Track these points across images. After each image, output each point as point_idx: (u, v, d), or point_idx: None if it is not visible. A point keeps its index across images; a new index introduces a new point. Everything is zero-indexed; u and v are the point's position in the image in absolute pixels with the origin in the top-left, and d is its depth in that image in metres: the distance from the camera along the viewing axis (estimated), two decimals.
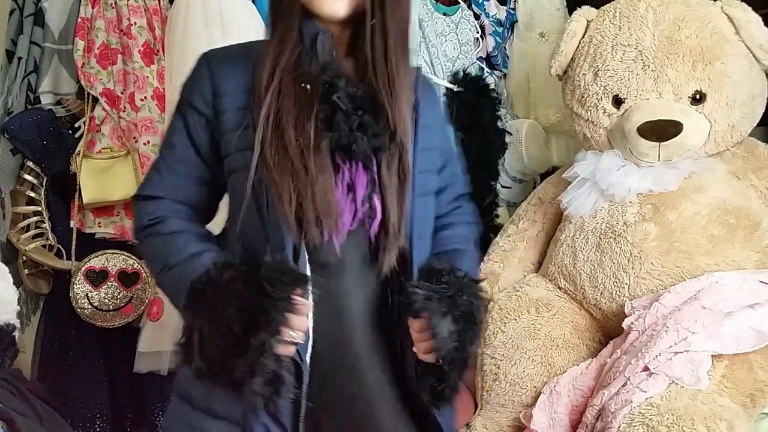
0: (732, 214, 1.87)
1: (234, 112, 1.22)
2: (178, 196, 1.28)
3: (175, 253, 1.21)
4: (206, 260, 1.18)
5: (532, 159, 2.58)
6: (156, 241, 1.25)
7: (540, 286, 2.06)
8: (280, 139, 1.16)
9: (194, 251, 1.21)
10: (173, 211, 1.27)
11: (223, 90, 1.23)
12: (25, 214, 2.17)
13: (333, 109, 1.18)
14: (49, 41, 2.19)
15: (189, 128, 1.26)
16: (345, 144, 1.18)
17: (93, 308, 2.12)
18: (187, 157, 1.27)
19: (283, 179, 1.15)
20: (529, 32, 2.76)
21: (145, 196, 1.29)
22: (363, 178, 1.21)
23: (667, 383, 1.59)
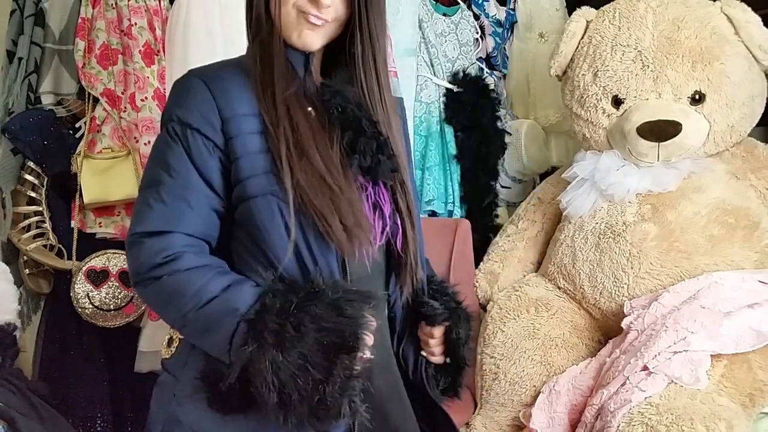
0: (731, 214, 1.87)
1: (247, 136, 1.17)
2: (190, 228, 1.15)
3: (205, 289, 1.10)
4: (249, 290, 1.11)
5: (531, 159, 2.58)
6: (175, 280, 1.12)
7: (539, 286, 2.06)
8: (307, 164, 1.15)
9: (227, 283, 1.12)
10: (187, 245, 1.14)
11: (228, 112, 1.17)
12: (26, 214, 2.17)
13: (356, 133, 1.21)
14: (49, 41, 2.19)
15: (192, 154, 1.16)
16: (369, 165, 1.21)
17: (94, 308, 2.12)
18: (195, 184, 1.16)
19: (323, 200, 1.14)
20: (529, 33, 2.76)
21: (149, 232, 1.14)
22: (386, 196, 1.26)
23: (666, 383, 1.59)
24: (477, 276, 2.21)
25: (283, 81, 1.20)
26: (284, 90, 1.19)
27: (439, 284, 1.38)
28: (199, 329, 1.12)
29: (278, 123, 1.17)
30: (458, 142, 2.46)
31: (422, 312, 1.31)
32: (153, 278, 1.13)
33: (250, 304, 1.08)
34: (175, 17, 2.21)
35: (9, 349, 1.94)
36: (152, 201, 1.15)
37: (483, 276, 2.20)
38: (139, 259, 1.14)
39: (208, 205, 1.17)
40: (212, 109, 1.17)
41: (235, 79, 1.21)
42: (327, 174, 1.16)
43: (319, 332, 1.06)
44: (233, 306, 1.08)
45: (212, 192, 1.17)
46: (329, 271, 1.16)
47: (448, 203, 2.44)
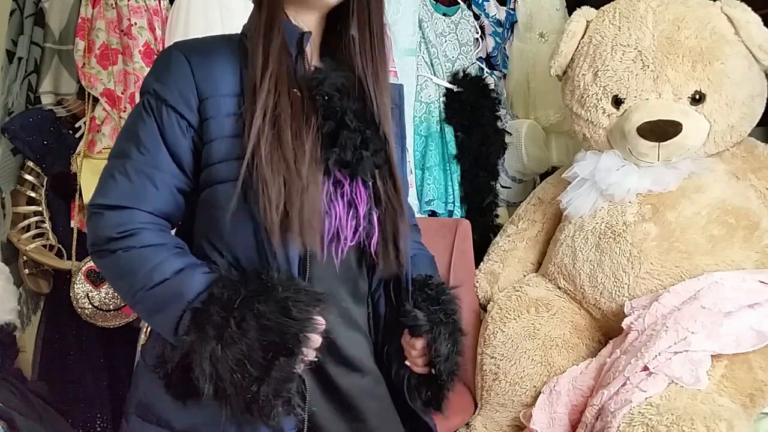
0: (731, 214, 1.87)
1: (222, 118, 1.14)
2: (152, 206, 1.13)
3: (157, 269, 1.09)
4: (200, 278, 1.09)
5: (531, 159, 2.58)
6: (129, 257, 1.10)
7: (540, 286, 2.06)
8: (276, 138, 1.12)
9: (180, 266, 1.10)
10: (146, 222, 1.13)
11: (209, 92, 1.14)
12: (26, 214, 2.17)
13: (339, 124, 1.17)
14: (49, 41, 2.19)
15: (164, 131, 1.14)
16: (349, 161, 1.17)
17: (93, 308, 2.12)
18: (163, 162, 1.14)
19: (275, 176, 1.10)
20: (529, 32, 2.76)
21: (110, 205, 1.12)
22: (363, 195, 1.21)
23: (666, 383, 1.59)
24: (477, 276, 2.21)
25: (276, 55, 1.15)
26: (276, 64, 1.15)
27: (437, 288, 1.31)
28: (147, 309, 1.12)
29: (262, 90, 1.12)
30: (458, 142, 2.46)
31: (403, 321, 1.27)
32: (108, 251, 1.11)
33: (198, 292, 1.07)
34: (175, 17, 2.21)
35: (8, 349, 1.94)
36: (117, 174, 1.13)
37: (483, 276, 2.20)
38: (97, 231, 1.12)
39: (173, 185, 1.15)
40: (191, 88, 1.14)
41: (220, 55, 1.17)
42: (290, 154, 1.12)
43: (260, 330, 1.04)
44: (181, 291, 1.08)
45: (180, 172, 1.15)
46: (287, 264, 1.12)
47: (448, 203, 2.44)
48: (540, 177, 2.64)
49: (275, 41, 1.16)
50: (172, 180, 1.15)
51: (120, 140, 1.17)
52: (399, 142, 1.30)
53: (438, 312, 1.27)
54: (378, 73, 1.23)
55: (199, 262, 1.13)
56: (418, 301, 1.28)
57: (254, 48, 1.16)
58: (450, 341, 1.27)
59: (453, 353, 1.28)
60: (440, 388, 1.29)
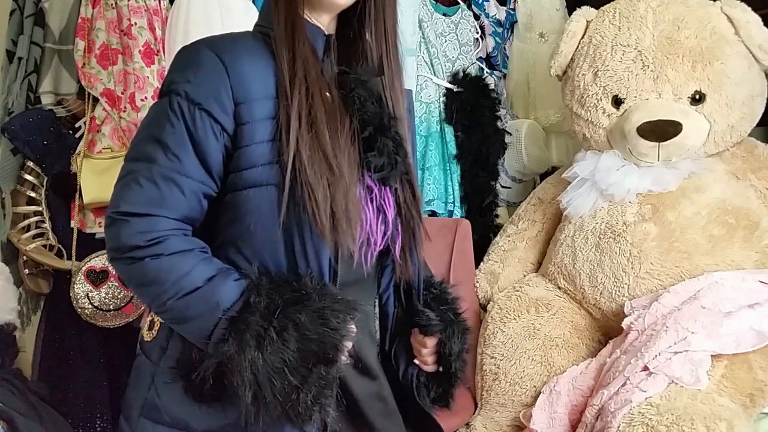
0: (731, 214, 1.87)
1: (260, 123, 1.11)
2: (179, 213, 1.10)
3: (188, 277, 1.07)
4: (233, 285, 1.08)
5: (531, 159, 2.58)
6: (158, 265, 1.07)
7: (540, 286, 2.06)
8: (315, 140, 1.11)
9: (211, 273, 1.08)
10: (173, 229, 1.10)
11: (245, 98, 1.11)
12: (26, 214, 2.16)
13: (377, 130, 1.17)
14: (49, 41, 2.19)
15: (195, 135, 1.10)
16: (383, 166, 1.18)
17: (93, 308, 2.12)
18: (192, 169, 1.10)
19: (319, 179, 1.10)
20: (529, 32, 2.76)
21: (136, 213, 1.08)
22: (391, 201, 1.22)
23: (666, 383, 1.59)
24: (477, 276, 2.21)
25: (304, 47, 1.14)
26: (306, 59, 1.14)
27: (440, 289, 1.35)
28: (177, 317, 1.10)
29: (294, 89, 1.11)
30: (458, 142, 2.46)
31: (416, 321, 1.30)
32: (134, 258, 1.08)
33: (233, 300, 1.07)
34: (175, 17, 2.21)
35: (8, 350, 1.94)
36: (143, 180, 1.09)
37: (483, 276, 2.20)
38: (121, 238, 1.08)
39: (201, 191, 1.12)
40: (226, 91, 1.10)
41: (252, 55, 1.14)
42: (332, 156, 1.11)
43: (300, 340, 1.05)
44: (216, 300, 1.07)
45: (209, 178, 1.12)
46: (318, 271, 1.12)
47: (448, 203, 2.44)
48: (540, 177, 2.64)
49: (301, 41, 1.14)
50: (200, 187, 1.12)
51: (142, 142, 1.12)
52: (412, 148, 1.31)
53: (448, 311, 1.31)
54: (394, 81, 1.24)
55: (227, 268, 1.11)
56: (428, 301, 1.32)
57: (281, 49, 1.14)
58: (460, 339, 1.32)
59: (462, 351, 1.33)
60: (450, 385, 1.34)
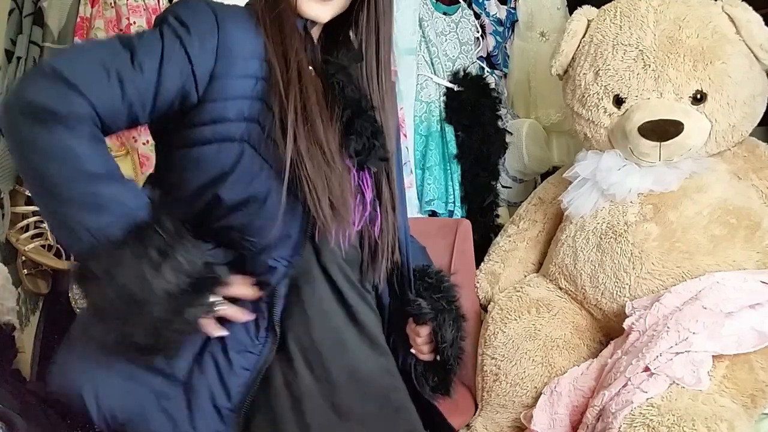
0: (733, 214, 1.87)
1: (239, 79, 1.13)
2: (106, 111, 1.06)
3: (99, 163, 1.04)
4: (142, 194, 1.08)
5: (532, 159, 2.58)
6: (71, 139, 1.01)
7: (540, 287, 2.05)
8: (311, 132, 1.13)
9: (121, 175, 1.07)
10: (94, 123, 1.05)
11: (229, 53, 1.12)
12: (24, 214, 2.16)
13: (354, 113, 1.20)
14: (48, 41, 2.18)
15: (164, 63, 1.09)
16: (361, 149, 1.20)
17: None
18: (144, 87, 1.08)
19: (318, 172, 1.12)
20: (530, 31, 2.76)
21: (73, 84, 1.02)
22: (369, 182, 1.25)
23: (667, 384, 1.58)
24: (478, 276, 2.20)
25: (295, 40, 1.17)
26: (296, 50, 1.16)
27: (436, 276, 1.37)
28: (78, 202, 1.03)
29: (289, 83, 1.13)
30: (459, 142, 2.46)
31: (408, 310, 1.33)
32: (44, 123, 1.01)
33: (141, 207, 1.06)
34: None
35: (7, 350, 1.93)
36: (98, 63, 1.05)
37: (484, 276, 2.19)
38: (43, 94, 1.01)
39: (136, 111, 1.09)
40: (211, 40, 1.12)
41: (240, 18, 1.17)
42: (326, 147, 1.14)
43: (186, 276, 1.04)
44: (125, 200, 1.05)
45: (150, 105, 1.10)
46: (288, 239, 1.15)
47: (448, 203, 2.44)
48: (541, 177, 2.64)
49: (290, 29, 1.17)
50: (139, 106, 1.09)
51: (117, 38, 1.10)
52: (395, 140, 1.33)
53: (440, 300, 1.34)
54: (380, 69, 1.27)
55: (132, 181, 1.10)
56: (420, 290, 1.34)
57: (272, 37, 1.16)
58: (454, 327, 1.34)
59: (457, 338, 1.35)
60: (447, 373, 1.37)
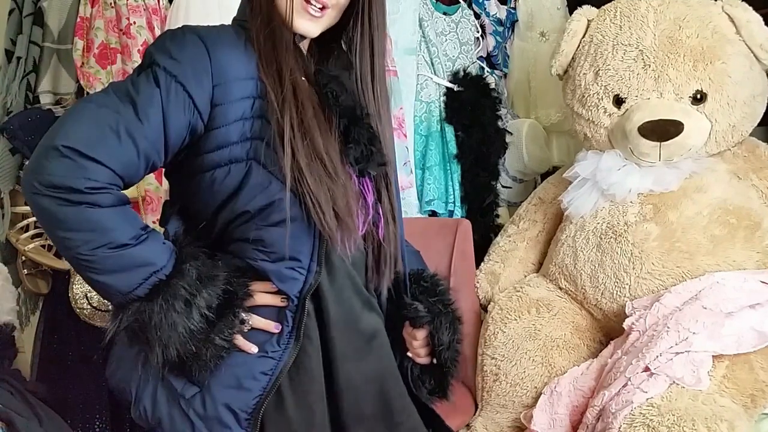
0: (733, 214, 1.87)
1: (236, 103, 1.15)
2: (125, 171, 1.10)
3: (120, 231, 1.09)
4: (163, 247, 1.13)
5: (532, 159, 2.58)
6: (92, 214, 1.07)
7: (540, 287, 2.05)
8: (310, 147, 1.15)
9: (143, 233, 1.11)
10: (115, 184, 1.10)
11: (224, 78, 1.14)
12: (24, 214, 2.16)
13: (350, 121, 1.21)
14: (48, 41, 2.19)
15: (167, 106, 1.11)
16: (359, 156, 1.21)
17: (92, 308, 2.12)
18: (154, 135, 1.11)
19: (320, 186, 1.14)
20: (530, 32, 2.76)
21: (88, 156, 1.06)
22: (370, 186, 1.26)
23: (667, 384, 1.58)
24: (478, 276, 2.20)
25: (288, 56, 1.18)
26: (290, 65, 1.18)
27: (431, 280, 1.38)
28: (102, 268, 1.09)
29: (284, 101, 1.15)
30: (459, 142, 2.46)
31: (404, 314, 1.33)
32: (69, 201, 1.06)
33: (164, 263, 1.12)
34: (174, 16, 2.21)
35: (7, 350, 1.94)
36: (107, 129, 1.08)
37: (484, 276, 2.19)
38: (60, 174, 1.05)
39: (152, 159, 1.13)
40: (205, 70, 1.13)
41: (229, 41, 1.18)
42: (327, 159, 1.16)
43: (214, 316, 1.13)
44: (146, 258, 1.11)
45: (163, 149, 1.13)
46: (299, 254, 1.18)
47: (448, 203, 2.44)
48: (541, 177, 2.64)
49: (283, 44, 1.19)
50: (154, 154, 1.13)
51: (113, 93, 1.12)
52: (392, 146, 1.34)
53: (436, 303, 1.34)
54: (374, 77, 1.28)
55: (153, 229, 1.15)
56: (416, 294, 1.35)
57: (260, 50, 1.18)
58: (450, 330, 1.34)
59: (454, 341, 1.35)
60: (444, 376, 1.37)
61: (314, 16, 1.20)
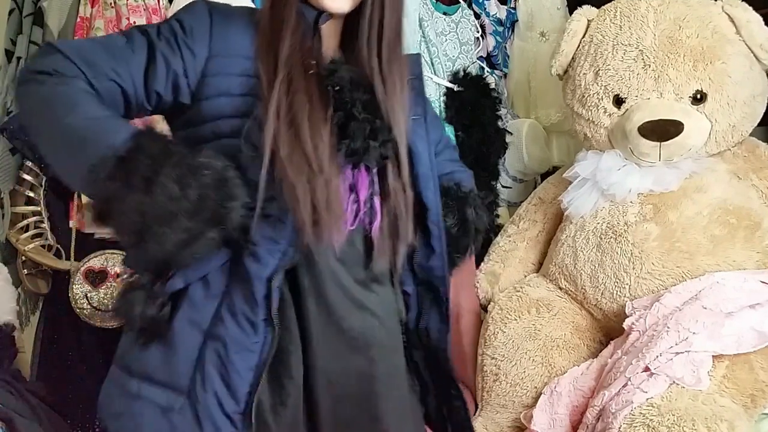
0: (733, 214, 1.87)
1: (229, 77, 1.17)
2: (96, 81, 1.11)
3: (86, 107, 1.08)
4: (126, 125, 1.09)
5: (532, 159, 2.58)
6: (59, 90, 1.08)
7: (540, 287, 2.05)
8: (295, 137, 1.13)
9: (108, 113, 1.10)
10: (88, 82, 1.11)
11: (217, 50, 1.17)
12: (24, 214, 2.16)
13: (347, 115, 1.19)
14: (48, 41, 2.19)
15: (157, 49, 1.15)
16: (357, 150, 1.20)
17: (92, 308, 2.12)
18: (134, 65, 1.14)
19: (299, 177, 1.12)
20: (530, 31, 2.76)
21: (67, 56, 1.11)
22: (365, 180, 1.24)
23: (667, 384, 1.58)
24: (478, 276, 2.20)
25: (291, 38, 1.18)
26: (290, 49, 1.17)
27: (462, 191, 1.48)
28: (64, 145, 1.08)
29: (274, 83, 1.15)
30: (459, 142, 2.45)
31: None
32: (36, 80, 1.09)
33: (124, 139, 1.06)
34: None
35: (7, 350, 1.94)
36: (96, 45, 1.15)
37: (484, 276, 2.19)
38: (36, 62, 1.13)
39: (125, 91, 1.14)
40: (204, 38, 1.16)
41: (240, 19, 1.21)
42: (311, 151, 1.14)
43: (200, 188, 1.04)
44: (108, 133, 1.06)
45: (142, 90, 1.15)
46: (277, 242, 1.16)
47: None
48: (541, 177, 2.64)
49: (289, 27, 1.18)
50: (129, 85, 1.14)
51: (114, 32, 1.21)
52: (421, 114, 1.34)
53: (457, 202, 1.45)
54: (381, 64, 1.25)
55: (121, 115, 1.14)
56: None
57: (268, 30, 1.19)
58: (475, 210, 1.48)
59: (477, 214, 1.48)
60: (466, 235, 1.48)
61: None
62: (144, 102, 1.16)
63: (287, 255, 1.16)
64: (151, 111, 1.20)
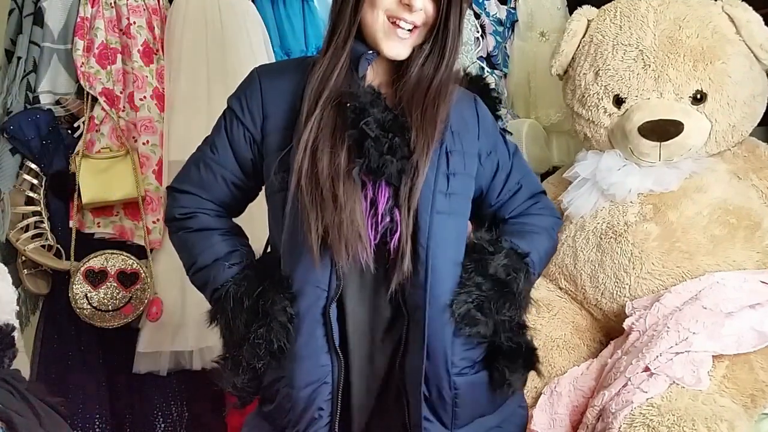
0: (733, 214, 1.87)
1: (277, 133, 1.32)
2: (212, 195, 1.40)
3: (202, 254, 1.37)
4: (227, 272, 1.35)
5: (532, 159, 2.57)
6: (186, 237, 1.40)
7: (540, 287, 2.05)
8: (314, 168, 1.24)
9: (218, 256, 1.37)
10: (203, 208, 1.40)
11: (270, 111, 1.33)
12: (24, 214, 2.16)
13: (362, 134, 1.24)
14: (48, 41, 2.18)
15: (231, 136, 1.37)
16: (374, 167, 1.24)
17: (92, 308, 2.12)
18: (226, 161, 1.38)
19: (312, 209, 1.24)
20: (530, 32, 2.76)
21: (181, 189, 1.41)
22: (385, 194, 1.27)
23: (667, 384, 1.58)
24: None
25: (337, 79, 1.26)
26: (328, 85, 1.26)
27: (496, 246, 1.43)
28: (195, 283, 1.43)
29: (308, 118, 1.26)
30: None
31: None
32: (173, 228, 1.43)
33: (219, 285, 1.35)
34: (174, 16, 2.21)
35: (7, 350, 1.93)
36: (193, 167, 1.42)
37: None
38: (169, 210, 1.43)
39: (230, 179, 1.40)
40: (257, 104, 1.34)
41: (289, 73, 1.34)
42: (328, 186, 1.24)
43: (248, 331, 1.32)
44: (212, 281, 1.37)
45: (239, 170, 1.39)
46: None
47: None
48: (541, 177, 2.63)
49: (336, 68, 1.27)
50: (230, 176, 1.39)
51: (204, 139, 1.44)
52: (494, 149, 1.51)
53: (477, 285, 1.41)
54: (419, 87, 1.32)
55: (230, 252, 1.38)
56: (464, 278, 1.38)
57: (314, 71, 1.29)
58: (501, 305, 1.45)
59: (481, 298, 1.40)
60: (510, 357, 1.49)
61: (402, 38, 1.25)
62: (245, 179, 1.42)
63: (330, 286, 1.29)
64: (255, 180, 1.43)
